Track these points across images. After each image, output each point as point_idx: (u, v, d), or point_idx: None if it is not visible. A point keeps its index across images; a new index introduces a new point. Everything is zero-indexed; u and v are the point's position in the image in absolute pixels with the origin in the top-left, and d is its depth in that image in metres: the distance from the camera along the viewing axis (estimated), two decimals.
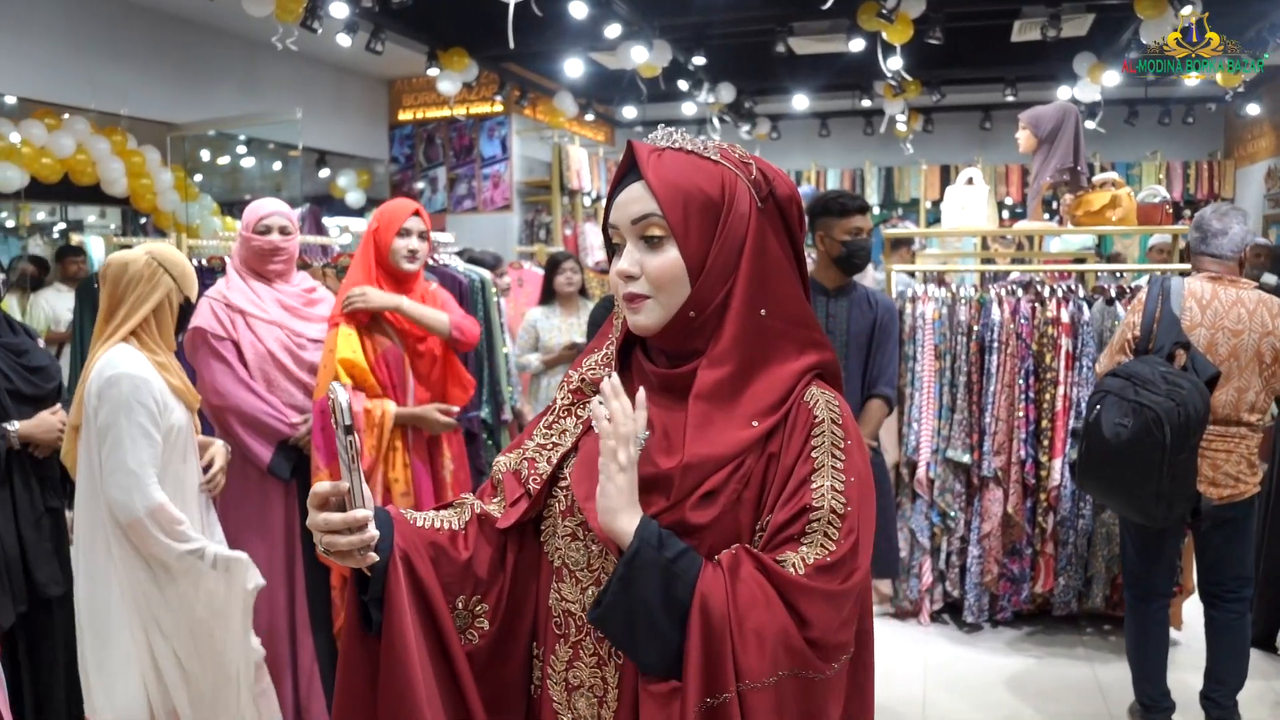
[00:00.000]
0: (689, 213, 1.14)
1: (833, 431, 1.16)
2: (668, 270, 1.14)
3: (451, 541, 1.24)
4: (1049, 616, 4.15)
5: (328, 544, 1.11)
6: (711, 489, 1.12)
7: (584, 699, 1.19)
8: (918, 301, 4.13)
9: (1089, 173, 4.42)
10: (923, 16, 6.25)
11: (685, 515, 1.12)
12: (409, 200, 3.08)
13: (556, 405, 1.32)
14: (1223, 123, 10.97)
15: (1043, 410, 3.95)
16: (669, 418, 1.18)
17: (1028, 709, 3.43)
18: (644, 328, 1.18)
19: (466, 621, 1.24)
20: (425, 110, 9.86)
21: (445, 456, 3.15)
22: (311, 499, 1.12)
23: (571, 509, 1.21)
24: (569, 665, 1.21)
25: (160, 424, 2.39)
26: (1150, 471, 2.75)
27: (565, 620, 1.21)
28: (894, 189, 11.43)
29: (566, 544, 1.22)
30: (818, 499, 1.11)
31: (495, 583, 1.25)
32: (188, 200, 6.86)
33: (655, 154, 1.17)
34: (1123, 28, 7.18)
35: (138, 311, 2.43)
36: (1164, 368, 2.83)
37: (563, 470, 1.25)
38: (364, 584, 1.18)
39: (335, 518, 1.10)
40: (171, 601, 2.43)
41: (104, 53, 6.61)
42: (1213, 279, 3.03)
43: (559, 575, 1.23)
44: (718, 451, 1.13)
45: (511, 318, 5.87)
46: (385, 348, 2.96)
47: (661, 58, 7.24)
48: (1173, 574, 3.19)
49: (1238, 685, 3.15)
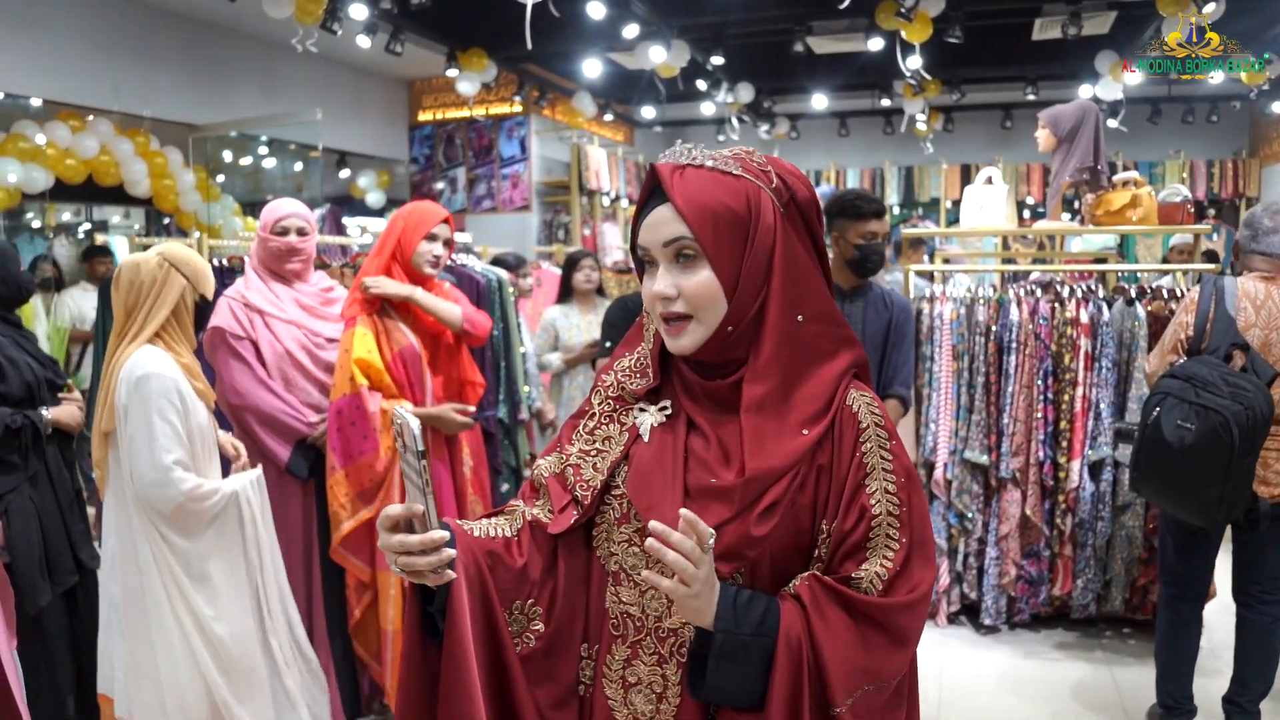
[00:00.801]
0: (718, 231, 1.16)
1: (878, 435, 1.22)
2: (704, 289, 1.17)
3: (506, 549, 1.27)
4: (1067, 619, 4.12)
5: (404, 565, 1.12)
6: (772, 501, 1.16)
7: (641, 696, 1.23)
8: (935, 302, 4.11)
9: (1109, 172, 4.38)
10: (942, 15, 6.22)
11: (749, 529, 1.16)
12: (439, 206, 3.09)
13: (595, 410, 1.33)
14: (1248, 121, 10.85)
15: (1061, 411, 3.93)
16: (720, 428, 1.22)
17: (1045, 712, 3.41)
18: (685, 348, 1.21)
19: (522, 626, 1.27)
20: (445, 111, 9.90)
21: (464, 453, 3.17)
22: (382, 521, 1.13)
23: (628, 516, 1.25)
24: (626, 664, 1.25)
25: (186, 423, 2.46)
26: (1215, 475, 2.72)
27: (623, 621, 1.25)
28: (914, 189, 11.38)
29: (624, 550, 1.25)
30: (875, 504, 1.19)
31: (547, 587, 1.28)
32: (209, 201, 6.93)
33: (678, 173, 1.19)
34: (1144, 25, 7.12)
35: (158, 314, 2.49)
36: (1223, 369, 2.80)
37: (615, 479, 1.27)
38: (427, 595, 1.21)
39: (412, 540, 1.11)
40: (216, 580, 2.50)
41: (127, 55, 6.68)
42: (1265, 279, 3.00)
43: (616, 579, 1.26)
44: (776, 464, 1.17)
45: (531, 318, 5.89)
46: (403, 346, 2.97)
47: (680, 58, 7.24)
48: (1210, 573, 3.17)
49: (1264, 691, 3.12)
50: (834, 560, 1.20)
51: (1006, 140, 10.76)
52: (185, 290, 2.53)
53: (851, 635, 1.15)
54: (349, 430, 2.86)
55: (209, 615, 2.47)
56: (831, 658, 1.14)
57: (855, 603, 1.16)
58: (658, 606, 1.23)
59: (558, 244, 8.36)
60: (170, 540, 2.46)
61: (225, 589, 2.52)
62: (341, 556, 2.91)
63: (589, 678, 1.29)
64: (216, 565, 2.51)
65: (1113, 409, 3.87)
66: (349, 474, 2.87)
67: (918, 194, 11.36)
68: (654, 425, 1.26)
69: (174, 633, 2.45)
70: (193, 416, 2.49)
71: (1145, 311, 3.89)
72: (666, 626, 1.22)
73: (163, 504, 2.42)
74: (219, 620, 2.48)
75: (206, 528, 2.50)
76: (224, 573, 2.52)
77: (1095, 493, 3.89)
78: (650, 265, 1.23)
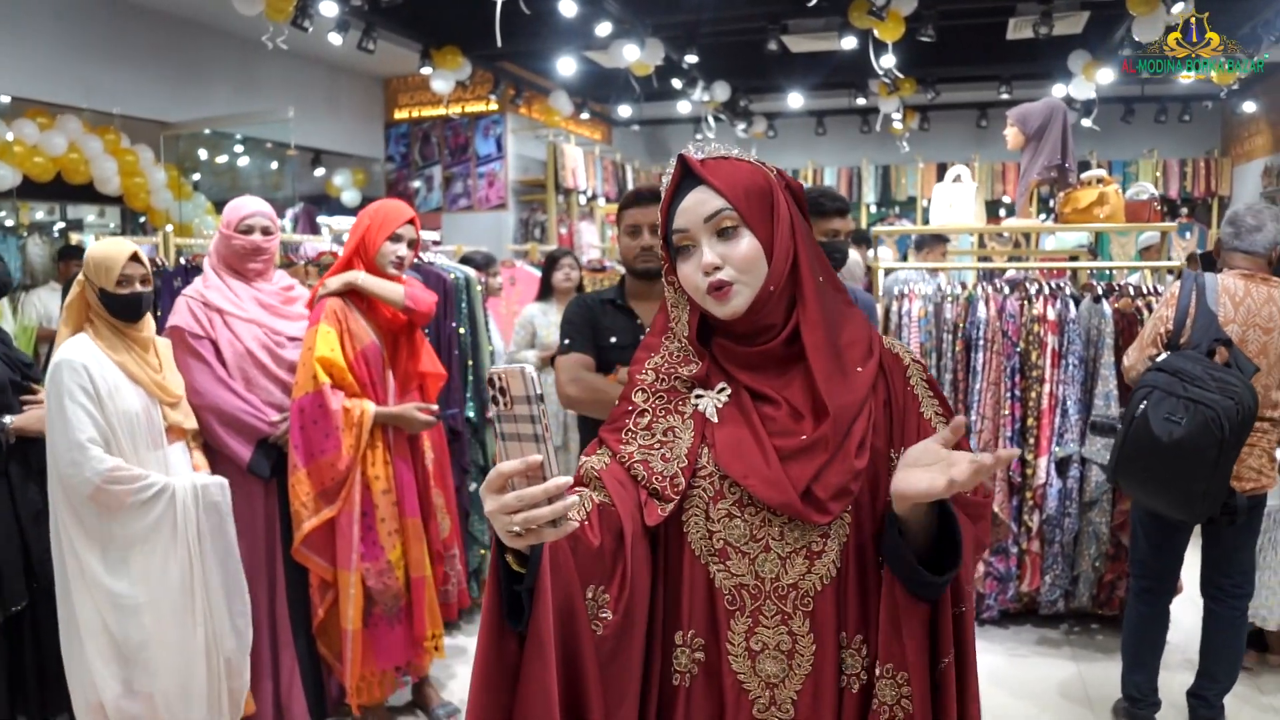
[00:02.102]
0: (751, 201, 1.30)
1: (917, 369, 1.39)
2: (750, 254, 1.29)
3: (583, 529, 1.23)
4: (1035, 615, 4.14)
5: (525, 520, 1.04)
6: (861, 437, 1.28)
7: (770, 659, 1.29)
8: (904, 299, 4.12)
9: (1078, 170, 4.41)
10: (915, 14, 6.24)
11: (852, 464, 1.26)
12: (405, 206, 3.07)
13: (644, 406, 1.37)
14: (1219, 120, 10.95)
15: (1029, 408, 3.94)
16: (781, 387, 1.32)
17: (1014, 708, 3.43)
18: (736, 310, 1.30)
19: (594, 611, 1.24)
20: (421, 109, 9.87)
21: (425, 445, 3.17)
22: (491, 483, 1.06)
23: (722, 492, 1.31)
24: (749, 633, 1.30)
25: (103, 407, 2.50)
26: (1203, 468, 2.75)
27: (737, 594, 1.31)
28: (891, 187, 11.42)
29: (725, 525, 1.31)
30: (934, 425, 1.34)
31: (616, 572, 1.28)
32: (181, 199, 6.88)
33: (703, 162, 1.33)
34: (1116, 25, 7.17)
35: (66, 308, 2.62)
36: (1208, 364, 2.83)
37: (698, 463, 1.33)
38: (510, 576, 1.15)
39: (532, 491, 1.04)
40: (137, 573, 2.53)
41: (97, 52, 6.62)
42: (1245, 276, 3.04)
43: (723, 555, 1.31)
44: (851, 398, 1.29)
45: (504, 317, 5.87)
46: (365, 344, 2.96)
47: (654, 56, 7.23)
48: (1179, 567, 3.21)
49: (1229, 684, 3.15)
50: None
51: (982, 139, 10.82)
52: (84, 286, 2.59)
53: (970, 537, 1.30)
54: (311, 429, 2.85)
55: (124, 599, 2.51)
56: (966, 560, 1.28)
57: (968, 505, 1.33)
58: (772, 568, 1.29)
59: (533, 243, 8.33)
60: (86, 523, 2.50)
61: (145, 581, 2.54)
62: (304, 556, 2.89)
63: (687, 665, 1.32)
64: (139, 557, 2.54)
65: (1080, 406, 3.88)
66: (310, 473, 2.85)
67: (894, 192, 11.41)
68: (718, 406, 1.34)
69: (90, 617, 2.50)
70: (113, 402, 2.52)
71: (1112, 309, 3.91)
72: (785, 584, 1.29)
73: (81, 485, 2.45)
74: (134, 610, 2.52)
75: (133, 518, 2.52)
76: (146, 566, 2.54)
77: (1062, 489, 3.90)
78: (685, 250, 1.32)
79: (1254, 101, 9.51)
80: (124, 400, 2.54)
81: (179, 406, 2.73)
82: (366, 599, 2.95)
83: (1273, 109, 9.55)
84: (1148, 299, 3.97)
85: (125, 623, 2.51)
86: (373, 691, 3.02)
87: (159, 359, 2.71)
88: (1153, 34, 6.19)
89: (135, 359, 2.62)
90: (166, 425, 2.67)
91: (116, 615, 2.51)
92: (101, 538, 2.51)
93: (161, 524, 2.55)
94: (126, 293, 2.58)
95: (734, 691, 1.30)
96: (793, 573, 1.29)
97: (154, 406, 2.63)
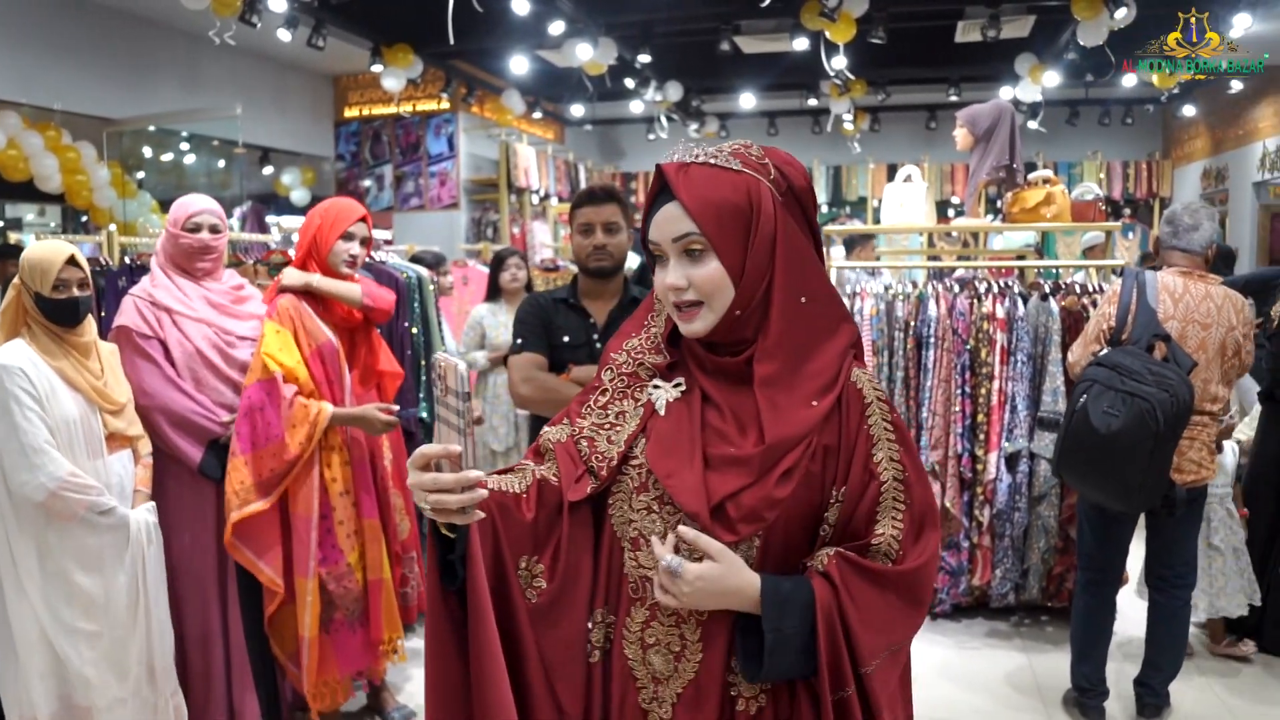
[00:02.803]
0: (723, 224, 1.26)
1: (880, 408, 1.33)
2: (713, 279, 1.27)
3: (517, 504, 1.34)
4: (987, 609, 4.21)
5: (435, 502, 1.18)
6: (789, 466, 1.25)
7: (659, 655, 1.31)
8: (856, 298, 4.16)
9: (1025, 170, 4.48)
10: (866, 16, 6.31)
11: (770, 492, 1.25)
12: (357, 204, 3.04)
13: (607, 386, 1.41)
14: (1160, 123, 11.21)
15: (978, 405, 4.00)
16: (734, 399, 1.31)
17: (965, 700, 3.48)
18: (697, 332, 1.30)
19: (526, 581, 1.34)
20: (371, 107, 9.77)
21: (384, 447, 3.14)
22: (415, 460, 1.19)
23: (646, 485, 1.32)
24: (645, 625, 1.32)
25: (45, 411, 2.47)
26: (1139, 460, 2.81)
27: (641, 585, 1.32)
28: (842, 187, 11.53)
29: (642, 516, 1.32)
30: (882, 471, 1.30)
31: (550, 544, 1.35)
32: (126, 197, 6.73)
33: (682, 172, 1.28)
34: (1061, 29, 7.30)
35: (1, 314, 2.57)
36: (1146, 359, 2.89)
37: (632, 450, 1.35)
38: (445, 544, 1.28)
39: (448, 477, 1.17)
40: (79, 592, 2.50)
41: (37, 46, 6.45)
42: (1183, 274, 3.11)
43: (635, 545, 1.33)
44: (791, 431, 1.26)
45: (456, 316, 5.83)
46: (320, 343, 2.92)
47: (607, 55, 7.23)
48: (1124, 558, 3.27)
49: (1174, 673, 3.23)
50: (848, 525, 1.30)
51: (931, 140, 10.96)
52: (20, 289, 2.55)
53: (879, 607, 1.26)
54: (256, 415, 2.78)
55: (64, 616, 2.49)
56: (863, 631, 1.25)
57: (880, 576, 1.27)
58: None
59: (485, 242, 8.29)
60: (30, 535, 2.46)
61: (86, 602, 2.52)
62: (234, 547, 2.79)
63: (600, 641, 1.36)
64: (81, 576, 2.51)
65: (1028, 402, 3.95)
66: (251, 460, 2.78)
67: (845, 193, 11.52)
68: (669, 400, 1.34)
69: (29, 632, 2.48)
70: (53, 407, 2.48)
71: (1059, 307, 3.99)
72: None
73: (35, 490, 2.41)
74: (74, 631, 2.50)
75: (82, 533, 2.50)
76: (89, 586, 2.52)
77: (1012, 484, 3.97)
78: (661, 258, 1.32)
79: (1194, 105, 9.74)
80: (61, 407, 2.50)
81: (122, 414, 2.67)
82: (327, 604, 2.91)
83: (1211, 113, 9.80)
84: (1093, 297, 4.05)
85: (65, 642, 2.48)
86: (335, 697, 2.97)
87: (101, 364, 2.66)
88: (1097, 38, 6.33)
89: (74, 364, 2.57)
90: (107, 433, 2.62)
91: (56, 632, 2.47)
92: (42, 550, 2.47)
93: (106, 548, 2.53)
94: (63, 297, 2.53)
95: (624, 677, 1.33)
96: (696, 606, 1.27)
97: (93, 414, 2.59)
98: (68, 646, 2.48)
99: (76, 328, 2.59)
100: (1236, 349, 3.07)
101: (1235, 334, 3.05)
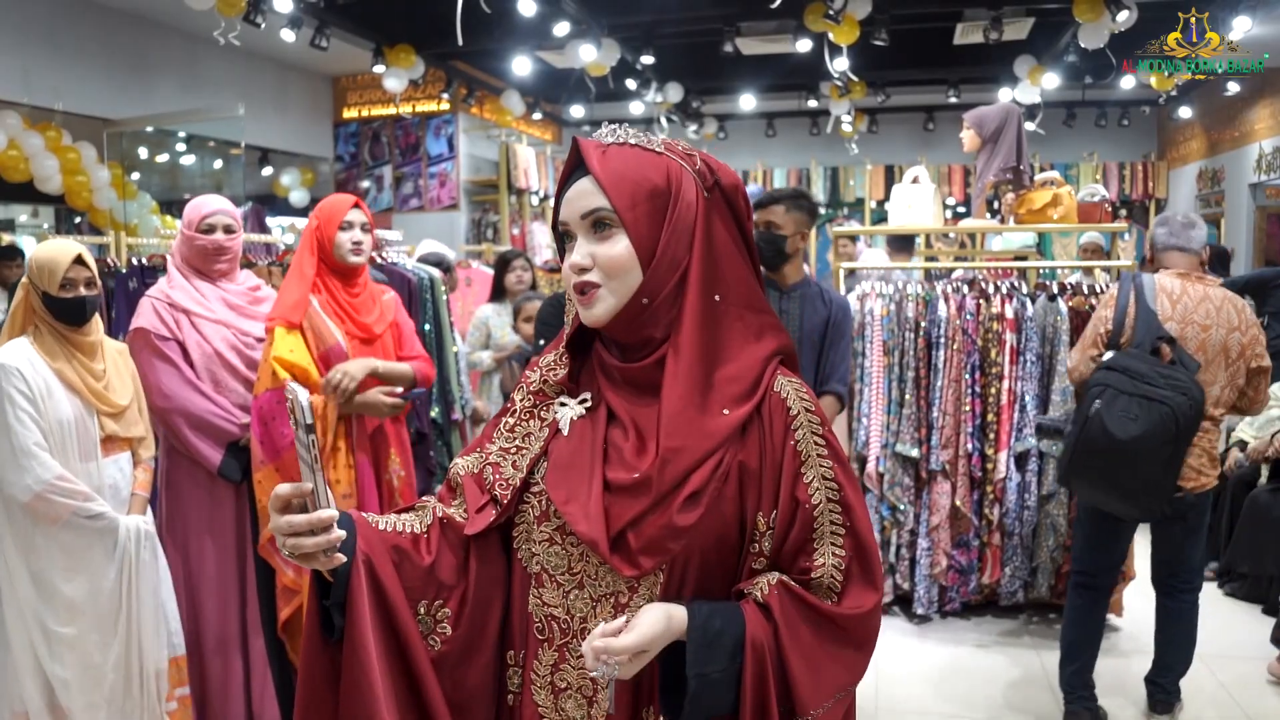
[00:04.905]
0: (636, 201, 1.15)
1: (809, 421, 1.19)
2: (618, 258, 1.15)
3: (414, 545, 1.23)
4: (996, 607, 4.23)
5: (292, 546, 1.09)
6: (695, 490, 1.12)
7: (572, 700, 1.20)
8: (866, 298, 4.18)
9: (1031, 172, 4.50)
10: (868, 18, 6.32)
11: (672, 519, 1.12)
12: (346, 194, 3.03)
13: (516, 406, 1.29)
14: (1156, 125, 11.26)
15: (988, 404, 4.02)
16: (637, 412, 1.18)
17: (977, 697, 3.49)
18: (597, 318, 1.17)
19: (429, 626, 1.22)
20: (370, 108, 9.75)
21: (393, 461, 3.05)
22: (272, 502, 1.10)
23: (547, 514, 1.21)
24: (554, 669, 1.21)
25: (39, 412, 2.47)
26: (1156, 465, 2.78)
27: (548, 624, 1.21)
28: (839, 189, 11.54)
29: (544, 549, 1.21)
30: (814, 493, 1.16)
31: (458, 587, 1.24)
32: (125, 198, 6.70)
33: (600, 150, 1.18)
34: (1061, 31, 7.33)
35: (11, 313, 2.56)
36: (1153, 362, 2.86)
37: (534, 476, 1.23)
38: (325, 589, 1.17)
39: (299, 519, 1.08)
40: (64, 592, 2.50)
41: (38, 46, 6.43)
42: (1181, 275, 3.09)
43: (539, 580, 1.22)
44: (693, 444, 1.13)
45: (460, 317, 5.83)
46: (329, 346, 2.89)
47: (610, 57, 7.23)
48: (1119, 566, 3.25)
49: (1183, 671, 3.24)
50: (782, 556, 1.18)
51: (929, 141, 10.98)
52: (29, 290, 2.55)
53: (824, 651, 1.16)
54: (271, 425, 2.78)
55: (49, 619, 2.49)
56: (802, 674, 1.14)
57: (824, 615, 1.16)
58: (582, 607, 1.19)
59: (486, 243, 8.29)
60: (19, 534, 2.47)
61: (70, 607, 2.52)
62: (269, 553, 2.80)
63: (518, 685, 1.25)
64: (65, 578, 2.51)
65: (1037, 401, 3.98)
66: (279, 469, 2.78)
67: (843, 194, 11.53)
68: (574, 418, 1.22)
69: (19, 629, 2.49)
70: (48, 408, 2.48)
71: (1067, 307, 4.01)
72: (593, 629, 1.15)
73: (20, 491, 2.41)
74: (57, 636, 2.50)
75: (67, 535, 2.49)
76: (73, 590, 2.51)
77: (1021, 483, 3.99)
78: (570, 242, 1.21)
79: (1189, 107, 9.79)
80: (56, 408, 2.50)
81: (121, 416, 2.65)
82: None
83: (1207, 114, 9.85)
84: (1100, 296, 4.07)
85: (41, 642, 2.49)
86: None
87: (105, 365, 2.65)
88: (1097, 40, 6.36)
89: (75, 366, 2.56)
90: (103, 436, 2.61)
91: (36, 633, 2.48)
92: (29, 551, 2.47)
93: (91, 551, 2.53)
94: (70, 296, 2.53)
95: None
96: (601, 618, 1.17)
97: (89, 416, 2.58)
98: (45, 648, 2.49)
99: (83, 327, 2.59)
100: (1241, 351, 3.02)
101: (1238, 335, 3.01)
